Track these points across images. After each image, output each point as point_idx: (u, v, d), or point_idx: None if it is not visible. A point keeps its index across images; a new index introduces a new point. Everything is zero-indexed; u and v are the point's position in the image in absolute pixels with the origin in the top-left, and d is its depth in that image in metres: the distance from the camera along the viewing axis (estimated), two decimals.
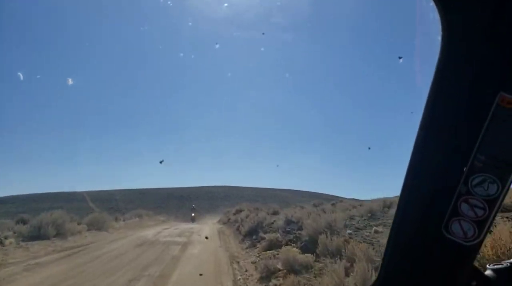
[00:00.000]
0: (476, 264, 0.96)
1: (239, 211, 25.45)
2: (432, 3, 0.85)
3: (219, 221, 29.07)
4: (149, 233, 18.89)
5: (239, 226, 18.12)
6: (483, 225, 0.87)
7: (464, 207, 0.88)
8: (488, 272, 1.00)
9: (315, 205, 22.10)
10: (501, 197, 0.85)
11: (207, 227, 23.34)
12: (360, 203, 19.84)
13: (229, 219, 24.94)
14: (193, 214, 37.38)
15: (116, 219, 25.21)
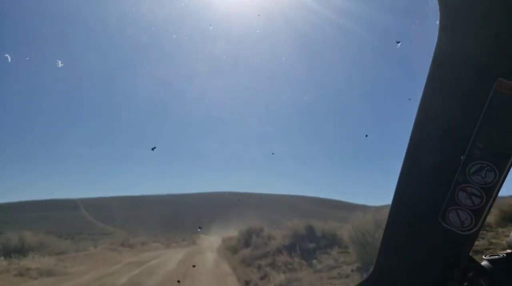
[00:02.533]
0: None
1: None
2: None
3: (229, 250, 15.75)
4: None
5: None
6: (480, 214, 0.91)
7: (461, 196, 0.93)
8: (484, 263, 1.04)
9: None
10: (498, 185, 0.90)
11: None
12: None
13: None
14: None
15: None
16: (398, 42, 2.29)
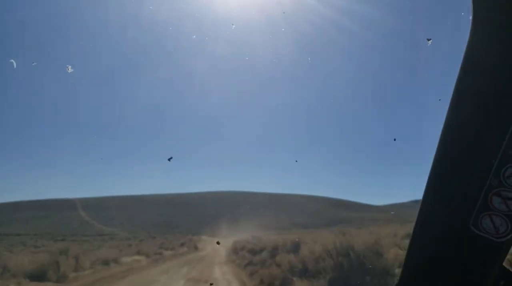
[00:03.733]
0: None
1: None
2: None
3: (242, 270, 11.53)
4: None
5: None
6: None
7: (495, 201, 0.90)
8: None
9: None
10: None
11: None
12: None
13: None
14: None
15: None
16: (429, 40, 2.26)
